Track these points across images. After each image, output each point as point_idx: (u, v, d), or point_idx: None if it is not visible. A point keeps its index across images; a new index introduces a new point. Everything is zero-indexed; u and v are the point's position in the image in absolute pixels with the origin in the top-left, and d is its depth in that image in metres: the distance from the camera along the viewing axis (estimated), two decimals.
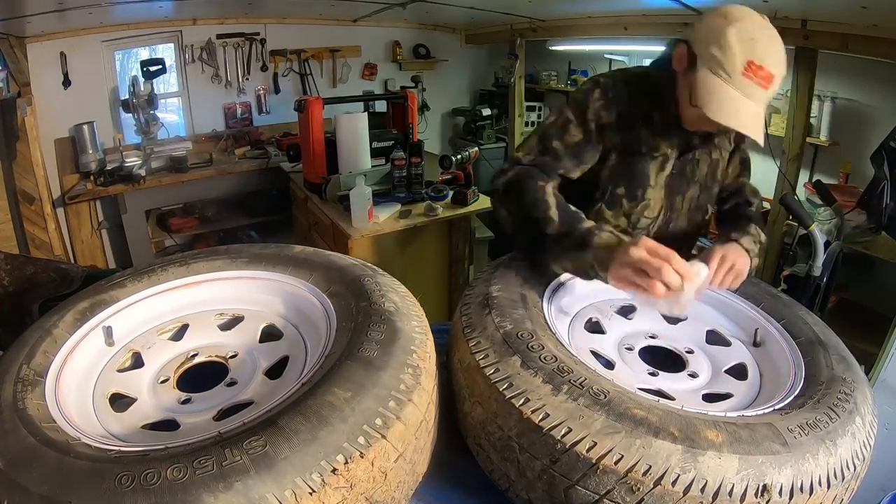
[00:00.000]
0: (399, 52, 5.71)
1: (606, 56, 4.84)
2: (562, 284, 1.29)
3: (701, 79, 1.26)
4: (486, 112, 5.78)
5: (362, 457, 0.76)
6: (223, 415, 0.95)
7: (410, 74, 5.78)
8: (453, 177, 3.52)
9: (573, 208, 1.30)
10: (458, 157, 3.48)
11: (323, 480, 0.72)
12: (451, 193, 3.38)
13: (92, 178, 4.13)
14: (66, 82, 4.40)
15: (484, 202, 3.43)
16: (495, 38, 5.44)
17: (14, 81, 4.15)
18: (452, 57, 6.04)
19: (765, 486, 0.79)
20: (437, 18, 5.43)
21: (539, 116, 5.69)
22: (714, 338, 1.28)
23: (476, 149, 3.71)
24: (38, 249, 4.05)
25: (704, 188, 1.63)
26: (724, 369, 1.17)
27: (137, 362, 1.12)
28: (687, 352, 1.21)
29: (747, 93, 1.21)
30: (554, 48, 4.94)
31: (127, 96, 4.19)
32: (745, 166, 1.75)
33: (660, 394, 1.05)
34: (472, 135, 5.90)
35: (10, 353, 1.02)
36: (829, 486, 0.84)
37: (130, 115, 4.24)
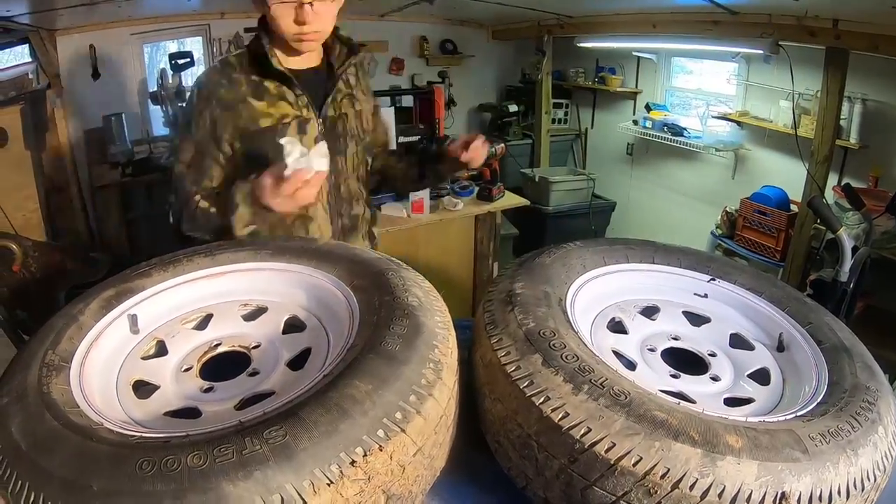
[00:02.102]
0: (426, 48, 5.72)
1: (634, 54, 4.80)
2: (586, 283, 1.28)
3: None
4: (513, 108, 5.76)
5: (381, 450, 0.76)
6: (244, 404, 0.95)
7: (437, 70, 5.78)
8: (479, 173, 3.51)
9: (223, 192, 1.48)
10: None
11: (341, 472, 0.73)
12: (476, 189, 3.38)
13: (120, 168, 4.19)
14: (96, 74, 4.48)
15: (510, 199, 3.44)
16: (523, 34, 5.42)
17: (44, 73, 4.23)
18: (479, 52, 6.03)
19: (783, 494, 0.78)
20: (463, 14, 5.43)
21: (566, 114, 5.66)
22: (737, 341, 1.26)
23: (503, 145, 3.67)
24: (66, 238, 4.13)
25: (360, 141, 1.70)
26: (746, 373, 1.16)
27: (161, 350, 1.13)
28: (710, 354, 1.20)
29: None
30: (582, 45, 4.90)
31: (155, 88, 4.25)
32: (384, 124, 1.89)
33: (681, 396, 1.04)
34: (498, 131, 5.87)
35: (37, 338, 1.03)
36: (848, 497, 0.83)
37: (159, 107, 4.29)
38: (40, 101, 4.09)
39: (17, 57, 4.37)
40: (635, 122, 4.86)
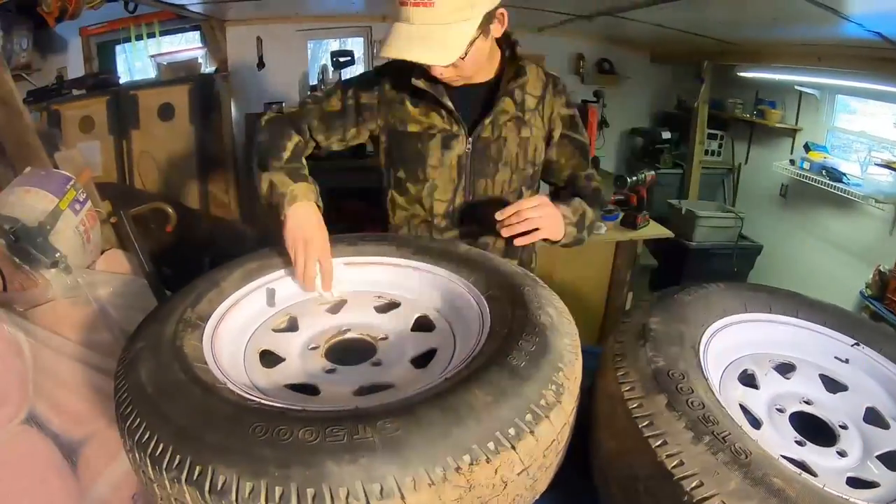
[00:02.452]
0: (582, 65, 5.61)
1: (797, 88, 4.49)
2: (724, 328, 1.21)
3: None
4: (666, 135, 5.49)
5: (488, 462, 0.75)
6: (363, 391, 0.98)
7: (592, 89, 5.60)
8: (626, 198, 3.42)
9: (302, 161, 1.46)
10: (634, 178, 3.39)
11: (445, 476, 0.72)
12: (620, 215, 3.30)
13: None
14: (261, 64, 4.84)
15: (654, 228, 3.32)
16: (682, 58, 5.20)
17: (213, 59, 4.65)
18: (636, 74, 5.82)
19: None
20: (622, 33, 5.28)
21: (720, 146, 5.33)
22: (872, 416, 1.14)
23: (653, 173, 3.57)
24: (217, 209, 4.45)
25: (516, 170, 1.57)
26: (875, 454, 1.04)
27: (292, 326, 1.19)
28: (840, 426, 1.09)
29: (410, 19, 1.26)
30: (742, 74, 4.65)
31: (316, 82, 4.48)
32: (584, 154, 1.65)
33: (802, 466, 0.95)
34: (649, 157, 5.62)
35: (179, 295, 1.12)
36: None
37: None
38: (207, 84, 4.48)
39: (189, 42, 4.89)
40: (792, 162, 4.53)
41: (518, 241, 1.35)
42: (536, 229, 1.32)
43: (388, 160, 1.59)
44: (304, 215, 1.29)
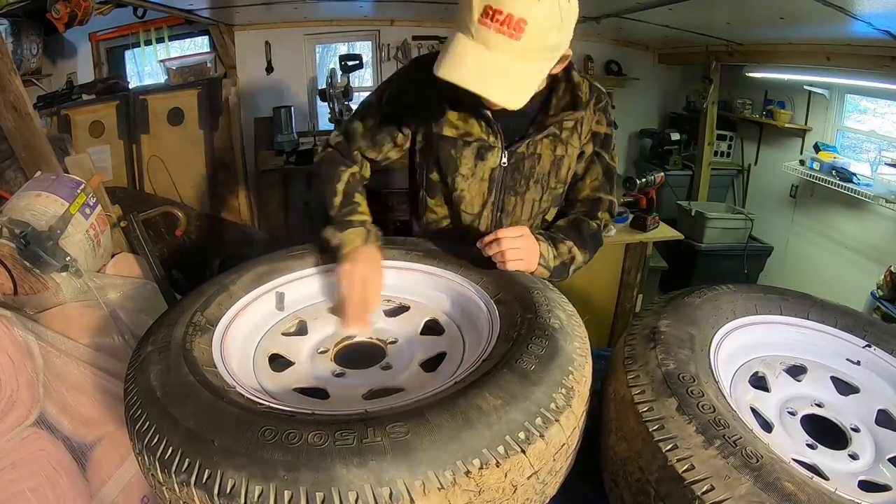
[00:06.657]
0: (590, 67, 5.60)
1: (806, 88, 4.45)
2: (734, 330, 1.20)
3: (447, 40, 1.12)
4: (675, 137, 5.43)
5: (498, 466, 0.75)
6: (373, 395, 0.98)
7: None
8: (635, 200, 3.41)
9: (356, 199, 1.38)
10: (643, 180, 3.36)
11: (454, 479, 0.72)
12: (630, 217, 3.29)
13: (284, 156, 4.48)
14: (269, 68, 4.86)
15: (664, 231, 3.29)
16: (689, 59, 5.18)
17: (221, 64, 4.68)
18: (644, 76, 5.78)
19: None
20: (630, 35, 5.27)
21: (730, 147, 5.29)
22: (885, 419, 1.12)
23: (662, 174, 3.54)
24: (227, 212, 4.47)
25: (547, 188, 1.49)
26: (887, 457, 1.03)
27: (302, 330, 1.19)
28: (852, 429, 1.08)
29: (486, 42, 1.06)
30: (751, 75, 4.61)
31: (324, 86, 4.47)
32: (608, 178, 1.53)
33: (814, 469, 0.95)
34: (657, 159, 5.60)
35: (188, 299, 1.12)
36: None
37: (326, 104, 4.52)
38: (216, 88, 4.51)
39: (198, 46, 4.91)
40: (802, 163, 4.48)
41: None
42: (504, 262, 1.24)
43: (421, 159, 1.51)
44: (359, 257, 1.24)
